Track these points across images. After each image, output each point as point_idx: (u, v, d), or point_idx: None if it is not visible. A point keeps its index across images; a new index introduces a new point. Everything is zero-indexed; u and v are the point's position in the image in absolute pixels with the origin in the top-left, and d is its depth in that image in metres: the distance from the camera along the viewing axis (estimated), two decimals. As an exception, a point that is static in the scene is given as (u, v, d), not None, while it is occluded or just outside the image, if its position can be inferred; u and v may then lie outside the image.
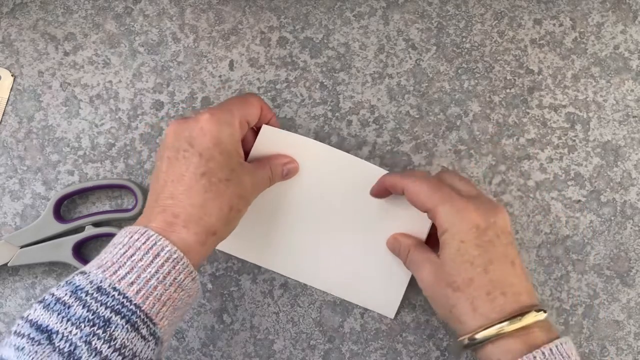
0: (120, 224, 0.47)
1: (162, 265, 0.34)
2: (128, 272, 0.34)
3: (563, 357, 0.34)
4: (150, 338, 0.33)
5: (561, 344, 0.35)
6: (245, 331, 0.47)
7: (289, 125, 0.49)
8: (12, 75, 0.49)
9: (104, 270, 0.34)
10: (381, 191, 0.45)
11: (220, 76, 0.49)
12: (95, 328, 0.31)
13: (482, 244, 0.37)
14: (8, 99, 0.49)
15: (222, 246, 0.47)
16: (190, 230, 0.36)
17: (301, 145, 0.48)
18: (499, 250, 0.37)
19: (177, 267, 0.35)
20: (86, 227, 0.46)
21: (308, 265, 0.47)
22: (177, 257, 0.35)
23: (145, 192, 0.47)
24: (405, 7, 0.50)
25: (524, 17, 0.50)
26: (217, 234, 0.38)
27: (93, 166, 0.48)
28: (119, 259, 0.34)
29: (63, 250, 0.46)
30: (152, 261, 0.34)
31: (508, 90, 0.49)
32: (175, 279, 0.35)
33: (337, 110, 0.49)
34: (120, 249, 0.35)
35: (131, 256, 0.34)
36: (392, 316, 0.47)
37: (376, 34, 0.50)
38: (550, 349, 0.34)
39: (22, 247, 0.46)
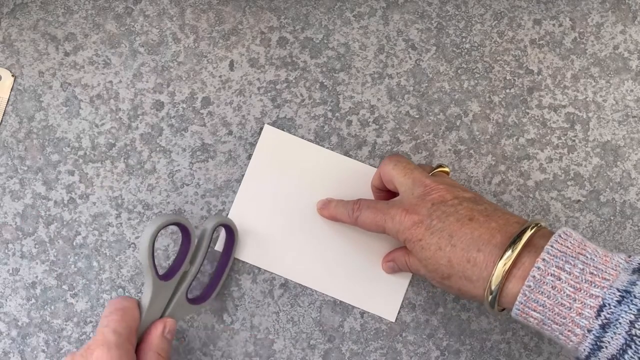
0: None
1: None
2: None
3: (566, 245, 0.34)
4: None
5: (559, 234, 0.34)
6: (245, 331, 0.47)
7: (289, 125, 0.49)
8: (13, 76, 0.49)
9: None
10: (375, 193, 0.47)
11: (220, 76, 0.49)
12: None
13: (434, 229, 0.38)
14: (8, 99, 0.49)
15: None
16: None
17: (301, 149, 0.48)
18: (450, 221, 0.38)
19: None
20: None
21: (308, 267, 0.47)
22: None
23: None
24: (405, 7, 0.50)
25: (524, 18, 0.50)
26: None
27: (93, 166, 0.48)
28: None
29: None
30: None
31: (508, 91, 0.49)
32: None
33: (337, 110, 0.49)
34: None
35: None
36: (393, 319, 0.47)
37: (376, 34, 0.50)
38: (551, 245, 0.34)
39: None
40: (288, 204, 0.48)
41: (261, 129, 0.49)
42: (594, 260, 0.33)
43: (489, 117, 0.49)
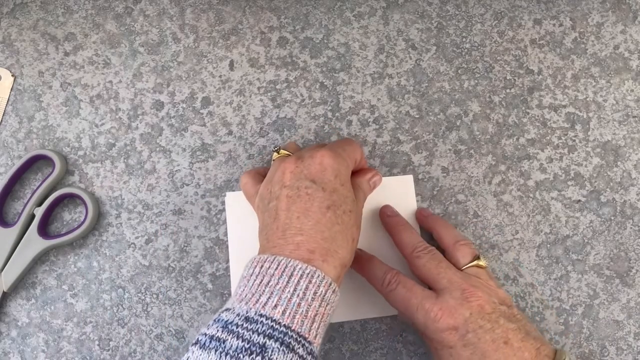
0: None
1: (298, 282, 0.35)
2: (269, 298, 0.34)
3: None
4: (307, 357, 0.33)
5: None
6: (245, 331, 0.47)
7: (289, 125, 0.49)
8: (13, 75, 0.49)
9: (247, 302, 0.34)
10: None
11: (220, 76, 0.49)
12: (254, 356, 0.31)
13: (468, 342, 0.38)
14: (8, 99, 0.49)
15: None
16: (329, 265, 0.37)
17: None
18: (485, 340, 0.38)
19: (313, 281, 0.35)
20: (34, 210, 0.46)
21: None
22: (309, 271, 0.35)
23: (65, 159, 0.48)
24: (405, 7, 0.50)
25: (524, 17, 0.50)
26: (347, 265, 0.38)
27: (93, 166, 0.48)
28: (257, 289, 0.35)
29: (34, 241, 0.46)
30: (287, 281, 0.35)
31: (508, 90, 0.49)
32: (315, 292, 0.35)
33: (337, 110, 0.49)
34: (255, 279, 0.35)
35: (267, 283, 0.35)
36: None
37: (376, 34, 0.50)
38: None
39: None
40: None
41: (261, 128, 0.49)
42: None
43: (489, 117, 0.49)
